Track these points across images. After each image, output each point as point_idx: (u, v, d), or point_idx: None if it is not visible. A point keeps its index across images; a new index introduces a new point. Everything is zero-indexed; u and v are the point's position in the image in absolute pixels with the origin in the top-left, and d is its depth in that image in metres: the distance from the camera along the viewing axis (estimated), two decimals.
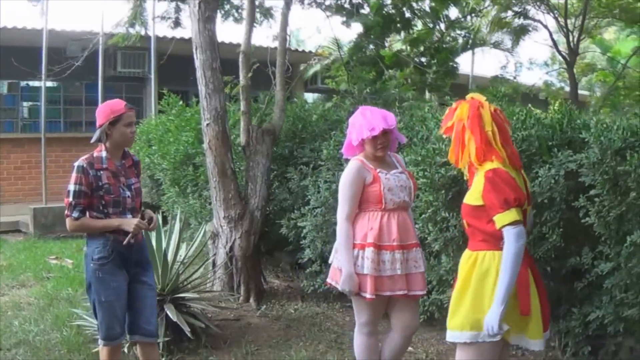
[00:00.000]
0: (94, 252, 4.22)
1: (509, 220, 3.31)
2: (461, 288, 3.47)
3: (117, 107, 4.26)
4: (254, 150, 7.17)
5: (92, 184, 4.16)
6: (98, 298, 4.24)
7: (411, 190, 4.47)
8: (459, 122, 3.55)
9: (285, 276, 8.53)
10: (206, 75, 6.78)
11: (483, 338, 3.35)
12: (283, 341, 6.13)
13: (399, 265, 4.29)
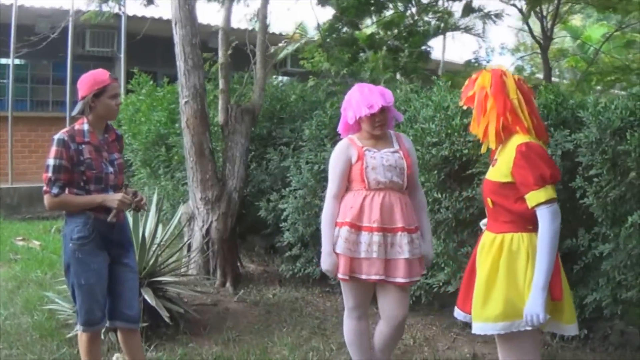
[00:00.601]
0: (73, 232, 3.92)
1: (545, 198, 3.08)
2: (489, 275, 3.19)
3: (101, 77, 3.95)
4: (233, 130, 6.92)
5: (72, 158, 3.85)
6: (77, 281, 3.94)
7: (403, 171, 4.14)
8: (481, 90, 3.29)
9: (261, 260, 8.31)
10: (185, 51, 6.51)
11: (520, 327, 3.11)
12: (264, 327, 5.89)
13: (376, 248, 4.02)
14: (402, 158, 4.16)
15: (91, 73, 3.99)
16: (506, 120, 3.21)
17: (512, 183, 3.16)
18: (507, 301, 3.10)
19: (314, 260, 6.70)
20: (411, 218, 4.15)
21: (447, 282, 5.48)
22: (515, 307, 3.10)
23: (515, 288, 3.11)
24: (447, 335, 5.70)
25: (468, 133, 5.23)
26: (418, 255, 4.14)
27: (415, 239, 4.13)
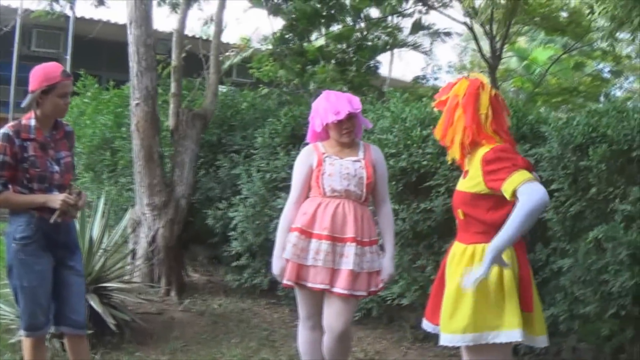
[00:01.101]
0: (17, 231, 3.70)
1: (520, 179, 2.91)
2: (458, 287, 3.09)
3: (52, 73, 3.71)
4: (183, 135, 6.75)
5: (17, 154, 3.64)
6: (20, 283, 3.72)
7: (362, 181, 4.02)
8: (454, 97, 3.21)
9: (204, 270, 8.12)
10: (139, 51, 6.32)
11: (489, 339, 3.02)
12: (211, 337, 5.72)
13: (323, 257, 3.90)
14: (363, 168, 4.04)
15: (43, 67, 3.76)
16: (470, 132, 3.14)
17: (483, 194, 3.09)
18: (477, 312, 3.02)
19: (262, 271, 6.57)
20: (366, 231, 4.01)
21: (401, 295, 5.40)
22: (485, 318, 3.02)
23: (486, 300, 3.03)
24: (398, 349, 5.62)
25: (427, 145, 5.20)
26: (369, 269, 3.99)
27: (369, 253, 3.99)
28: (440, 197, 5.09)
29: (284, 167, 6.19)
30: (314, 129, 4.18)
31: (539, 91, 12.17)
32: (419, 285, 5.28)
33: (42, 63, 3.81)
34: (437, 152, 5.11)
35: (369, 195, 4.09)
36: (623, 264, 4.23)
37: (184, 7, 7.00)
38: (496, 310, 3.01)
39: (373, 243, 4.05)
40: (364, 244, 3.96)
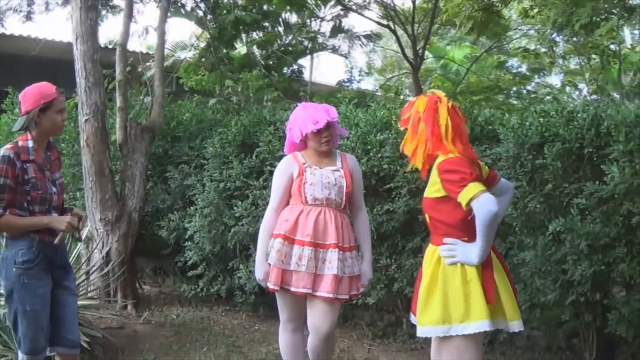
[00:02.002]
0: (18, 255, 3.68)
1: (472, 193, 3.22)
2: (429, 284, 3.39)
3: (48, 91, 3.73)
4: (132, 149, 6.75)
5: (17, 177, 3.62)
6: (22, 307, 3.70)
7: (342, 189, 4.19)
8: (416, 113, 3.50)
9: (152, 282, 8.12)
10: (87, 67, 6.28)
11: (457, 331, 3.29)
12: (178, 347, 5.76)
13: (306, 262, 4.07)
14: (343, 177, 4.22)
15: (36, 86, 3.76)
16: (432, 145, 3.42)
17: (443, 197, 3.36)
18: (446, 306, 3.30)
19: (219, 279, 6.67)
20: (346, 237, 4.19)
21: (366, 294, 5.59)
22: (454, 312, 3.29)
23: (453, 294, 3.30)
24: (362, 346, 5.83)
25: (385, 149, 5.42)
26: (349, 273, 4.18)
27: (349, 258, 4.18)
28: (402, 198, 5.31)
29: (238, 176, 6.30)
30: (292, 140, 4.32)
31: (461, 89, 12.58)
32: (384, 284, 5.49)
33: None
34: (396, 155, 5.33)
35: (347, 203, 4.26)
36: (582, 254, 4.54)
37: (126, 21, 6.99)
38: (463, 304, 3.28)
39: (352, 249, 4.24)
40: (344, 250, 4.14)
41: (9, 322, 3.96)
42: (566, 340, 5.21)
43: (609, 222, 4.51)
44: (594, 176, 4.67)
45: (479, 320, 3.26)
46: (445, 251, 3.37)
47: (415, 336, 5.66)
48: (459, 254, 3.33)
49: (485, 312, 3.25)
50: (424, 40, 11.82)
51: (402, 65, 16.28)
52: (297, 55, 12.82)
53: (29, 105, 3.70)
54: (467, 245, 3.32)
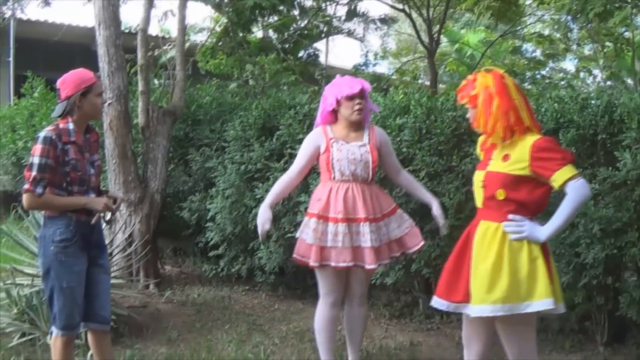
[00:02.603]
0: (55, 234, 3.83)
1: (572, 173, 3.29)
2: (492, 261, 3.39)
3: (87, 76, 3.89)
4: (155, 132, 6.91)
5: (58, 158, 3.77)
6: (59, 284, 3.86)
7: (368, 164, 4.36)
8: (485, 89, 3.48)
9: (172, 262, 8.32)
10: (109, 52, 6.43)
11: (519, 309, 3.34)
12: (200, 325, 5.94)
13: (341, 238, 4.27)
14: (369, 152, 4.38)
15: (75, 72, 3.92)
16: (514, 118, 3.42)
17: (525, 176, 3.38)
18: (511, 286, 3.33)
19: (240, 259, 6.84)
20: (377, 207, 4.39)
21: (384, 274, 5.75)
22: (519, 291, 3.33)
23: (519, 274, 3.34)
24: (379, 326, 5.98)
25: (404, 133, 5.55)
26: (386, 240, 4.41)
27: (383, 226, 4.40)
28: (420, 181, 5.42)
29: (259, 159, 6.44)
30: (325, 109, 4.51)
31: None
32: (401, 265, 5.63)
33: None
34: (415, 139, 5.47)
35: (374, 176, 4.46)
36: (595, 238, 4.66)
37: (147, 6, 7.13)
38: (528, 282, 3.33)
39: (386, 216, 4.44)
40: (377, 220, 4.36)
41: (45, 299, 4.14)
42: (578, 323, 5.32)
43: (621, 207, 4.61)
44: (607, 162, 4.77)
45: (543, 298, 3.32)
46: (513, 227, 3.39)
47: (432, 317, 5.92)
48: (527, 230, 3.36)
49: (550, 291, 3.33)
50: (439, 24, 11.89)
51: (417, 49, 16.32)
52: (313, 38, 12.92)
53: (69, 91, 3.84)
54: (533, 223, 3.39)
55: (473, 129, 5.20)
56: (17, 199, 10.36)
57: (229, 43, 10.50)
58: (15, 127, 10.01)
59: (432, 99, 5.68)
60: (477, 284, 3.42)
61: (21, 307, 5.38)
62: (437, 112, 5.49)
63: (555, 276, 3.47)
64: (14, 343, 5.23)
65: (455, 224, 5.28)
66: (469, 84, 3.60)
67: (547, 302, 3.31)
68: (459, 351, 5.16)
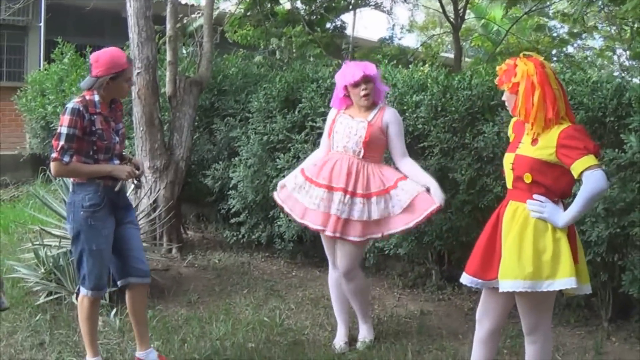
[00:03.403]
0: (85, 200, 4.11)
1: (590, 163, 3.38)
2: (518, 239, 3.53)
3: (119, 60, 4.10)
4: (181, 101, 7.15)
5: (85, 128, 4.02)
6: (88, 247, 4.13)
7: (360, 139, 4.61)
8: (527, 78, 3.55)
9: (195, 228, 8.59)
10: (139, 23, 6.66)
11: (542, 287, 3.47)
12: (220, 289, 6.24)
13: (319, 202, 4.61)
14: (365, 128, 4.64)
15: (110, 54, 4.12)
16: (553, 108, 3.50)
17: (553, 162, 3.50)
18: (535, 263, 3.47)
19: (260, 226, 7.10)
20: (359, 183, 4.61)
21: (398, 245, 5.98)
22: (542, 268, 3.47)
23: (543, 252, 3.48)
24: (392, 295, 6.22)
25: (420, 110, 5.74)
26: (358, 218, 4.59)
27: (359, 203, 4.59)
28: (434, 157, 5.64)
29: (281, 130, 6.66)
30: (337, 95, 4.80)
31: (500, 50, 12.68)
32: (414, 236, 5.86)
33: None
34: (430, 116, 5.66)
35: (368, 152, 4.65)
36: (599, 217, 4.84)
37: None
38: (552, 262, 3.47)
39: (372, 195, 4.61)
40: (355, 195, 4.59)
41: (74, 261, 4.40)
42: (584, 299, 5.51)
43: (626, 188, 4.76)
44: (614, 144, 4.91)
45: (566, 277, 3.43)
46: (535, 206, 3.51)
47: (444, 288, 6.16)
48: (547, 211, 3.48)
49: (572, 270, 3.44)
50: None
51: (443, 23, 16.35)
52: (340, 11, 13.04)
53: (100, 71, 4.07)
54: (555, 207, 3.50)
55: (486, 108, 5.48)
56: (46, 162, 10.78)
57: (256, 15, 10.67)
58: (45, 91, 10.28)
59: (448, 77, 5.83)
60: (505, 260, 3.57)
61: (48, 267, 5.71)
62: (453, 90, 5.64)
63: (581, 258, 3.62)
64: (40, 301, 5.57)
65: (467, 198, 5.50)
66: (509, 69, 3.65)
67: (569, 280, 3.43)
68: (467, 321, 5.46)
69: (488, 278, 3.68)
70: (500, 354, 4.74)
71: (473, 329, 4.90)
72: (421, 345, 5.01)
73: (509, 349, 4.83)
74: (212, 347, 4.85)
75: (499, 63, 12.93)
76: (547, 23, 13.74)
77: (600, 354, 4.92)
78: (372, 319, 5.31)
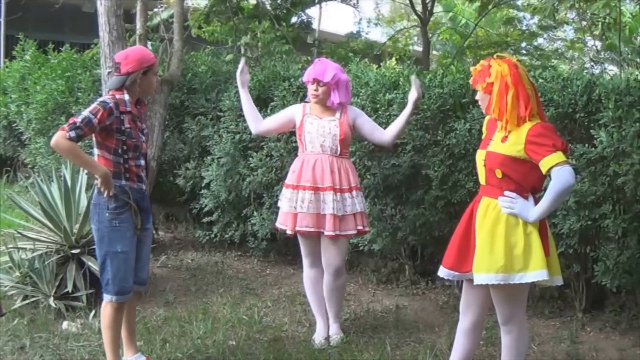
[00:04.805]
0: (110, 201, 4.15)
1: (559, 160, 3.55)
2: (492, 234, 3.73)
3: (149, 55, 4.29)
4: (152, 100, 7.25)
5: (113, 125, 4.09)
6: (113, 249, 4.18)
7: (336, 137, 4.95)
8: (501, 79, 3.74)
9: (164, 228, 8.74)
10: (110, 22, 6.76)
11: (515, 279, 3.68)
12: (195, 289, 6.43)
13: (307, 204, 4.90)
14: (337, 126, 4.99)
15: (138, 50, 4.40)
16: (525, 107, 3.71)
17: (522, 159, 3.70)
18: (507, 257, 3.69)
19: (233, 225, 7.29)
20: (344, 180, 4.97)
21: (372, 241, 6.22)
22: (514, 262, 3.69)
23: (515, 246, 3.70)
24: (367, 291, 6.47)
25: (393, 108, 5.97)
26: (351, 211, 4.96)
27: (348, 198, 4.96)
28: (407, 154, 5.87)
29: None
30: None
31: (469, 44, 12.92)
32: (388, 232, 6.10)
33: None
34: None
35: (344, 149, 5.02)
36: (570, 210, 5.11)
37: None
38: (523, 255, 3.68)
39: (353, 189, 5.00)
40: (343, 191, 4.94)
41: (99, 265, 4.38)
42: (558, 290, 5.79)
43: (596, 181, 5.03)
44: (584, 139, 5.19)
45: (537, 270, 3.64)
46: (506, 202, 3.69)
47: (417, 282, 6.40)
48: (518, 207, 3.66)
49: (543, 263, 3.64)
50: None
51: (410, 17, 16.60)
52: (306, 5, 13.20)
53: (131, 67, 4.18)
54: (526, 202, 3.71)
55: (457, 105, 5.73)
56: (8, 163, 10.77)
57: (224, 11, 10.78)
58: (7, 90, 10.32)
59: (420, 76, 6.06)
60: (479, 254, 3.80)
61: (24, 270, 5.79)
62: (425, 88, 5.87)
63: (552, 251, 3.85)
64: (17, 305, 5.68)
65: (439, 194, 5.75)
66: (483, 69, 3.85)
67: (540, 273, 3.65)
68: (442, 314, 5.73)
69: (464, 270, 3.92)
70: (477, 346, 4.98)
71: (449, 322, 5.22)
72: (399, 339, 5.25)
73: (485, 340, 5.06)
74: (194, 346, 5.03)
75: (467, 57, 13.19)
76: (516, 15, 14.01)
77: (575, 343, 5.20)
78: (349, 314, 5.55)
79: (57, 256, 5.83)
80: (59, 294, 5.69)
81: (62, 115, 8.74)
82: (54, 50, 9.71)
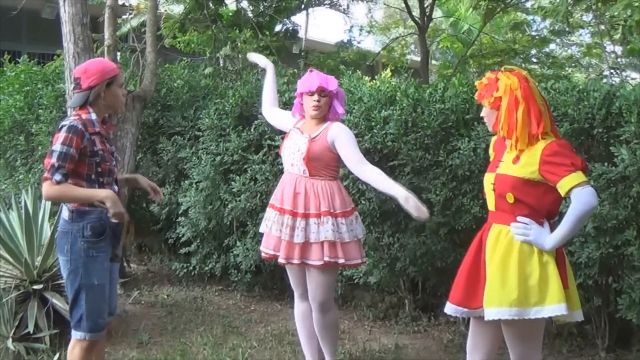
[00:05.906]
0: (86, 228, 4.06)
1: (579, 181, 3.54)
2: (503, 264, 3.70)
3: (109, 66, 4.23)
4: (122, 118, 7.27)
5: (86, 148, 4.03)
6: (89, 282, 4.10)
7: (301, 156, 4.82)
8: (510, 93, 3.75)
9: (137, 260, 8.70)
10: (75, 31, 6.77)
11: (530, 314, 3.63)
12: (172, 327, 6.39)
13: (271, 224, 4.93)
14: (306, 144, 4.85)
15: (98, 61, 4.32)
16: (537, 124, 3.71)
17: (536, 180, 3.70)
18: (521, 289, 3.65)
19: (214, 256, 7.26)
20: (310, 203, 4.81)
21: (368, 273, 6.21)
22: (529, 295, 3.65)
23: (529, 278, 3.66)
24: (362, 328, 6.45)
25: (389, 126, 5.97)
26: (315, 240, 4.78)
27: (313, 224, 4.79)
28: (405, 176, 5.88)
29: (235, 150, 6.86)
30: (298, 103, 5.11)
31: (472, 52, 12.86)
32: (386, 263, 6.09)
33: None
34: (400, 132, 5.89)
35: (313, 170, 4.85)
36: (589, 236, 5.10)
37: None
38: (539, 287, 3.65)
39: (322, 215, 4.79)
40: (308, 216, 4.82)
41: (70, 301, 4.27)
42: (577, 326, 5.72)
43: (618, 204, 5.02)
44: (604, 158, 5.18)
45: (555, 304, 3.59)
46: (519, 229, 3.67)
47: (419, 319, 6.38)
48: (533, 234, 3.64)
49: (562, 296, 3.60)
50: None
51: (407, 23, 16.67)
52: (291, 11, 13.23)
53: (93, 80, 4.12)
54: (541, 228, 3.69)
55: (460, 122, 5.73)
56: None
57: (201, 20, 10.79)
58: None
59: (419, 90, 6.09)
60: (490, 287, 3.76)
61: None
62: (424, 104, 5.91)
63: (571, 282, 3.82)
64: None
65: (442, 220, 5.75)
66: (490, 83, 3.86)
67: (558, 307, 3.60)
68: (447, 355, 5.71)
69: (473, 307, 3.87)
70: None
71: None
72: None
73: None
74: None
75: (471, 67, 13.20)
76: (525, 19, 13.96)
77: None
78: (344, 354, 5.51)
79: (17, 292, 5.78)
80: (18, 334, 5.62)
81: (20, 135, 8.74)
82: (10, 62, 9.67)
